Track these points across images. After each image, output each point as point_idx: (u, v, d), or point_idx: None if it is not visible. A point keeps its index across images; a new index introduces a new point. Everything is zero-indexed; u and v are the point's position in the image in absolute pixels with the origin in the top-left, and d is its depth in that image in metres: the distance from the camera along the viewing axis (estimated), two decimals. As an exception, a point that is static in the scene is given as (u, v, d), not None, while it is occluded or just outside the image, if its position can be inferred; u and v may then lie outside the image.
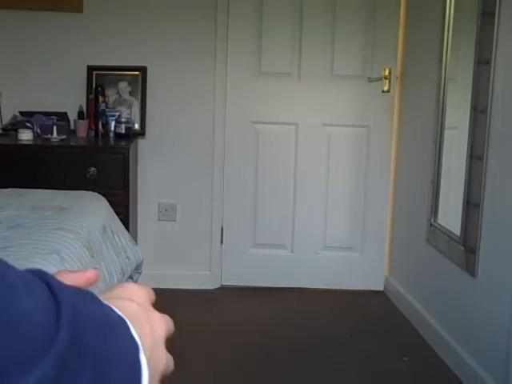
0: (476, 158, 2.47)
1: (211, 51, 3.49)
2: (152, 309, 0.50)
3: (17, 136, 3.17)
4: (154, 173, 3.50)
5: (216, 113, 3.54)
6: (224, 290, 3.58)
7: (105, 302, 0.44)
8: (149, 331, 0.47)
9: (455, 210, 2.66)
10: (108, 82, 3.41)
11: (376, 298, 3.55)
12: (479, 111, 2.44)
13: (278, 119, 3.55)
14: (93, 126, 3.34)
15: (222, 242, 3.63)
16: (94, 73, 3.40)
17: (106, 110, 3.35)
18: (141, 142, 3.48)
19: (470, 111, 2.51)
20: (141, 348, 0.43)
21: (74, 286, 0.43)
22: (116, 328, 0.42)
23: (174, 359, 0.52)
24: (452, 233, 2.72)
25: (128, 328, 0.43)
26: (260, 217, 3.61)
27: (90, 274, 0.54)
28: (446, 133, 2.87)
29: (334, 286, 3.61)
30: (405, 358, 2.78)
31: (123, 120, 3.32)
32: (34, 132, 3.23)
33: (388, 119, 3.55)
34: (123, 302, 0.47)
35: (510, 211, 2.25)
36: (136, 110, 3.47)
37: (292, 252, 3.65)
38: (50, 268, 1.41)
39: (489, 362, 2.37)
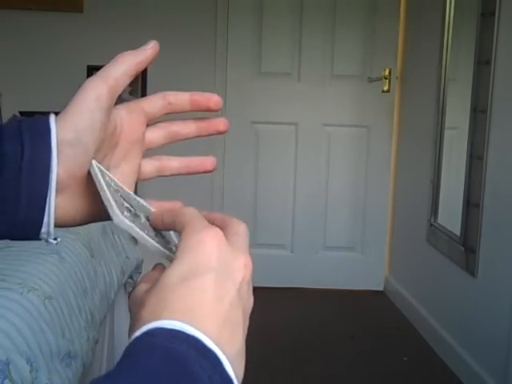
0: (476, 157, 2.47)
1: (211, 51, 3.49)
2: (229, 250, 0.43)
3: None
4: (154, 173, 3.49)
5: (216, 113, 3.53)
6: (224, 290, 3.57)
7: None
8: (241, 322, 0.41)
9: (455, 210, 2.66)
10: (108, 82, 3.41)
11: (376, 298, 3.55)
12: (479, 111, 2.44)
13: (278, 119, 3.55)
14: (93, 126, 3.34)
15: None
16: (94, 73, 3.40)
17: (106, 110, 3.35)
18: (141, 142, 3.48)
19: (470, 111, 2.51)
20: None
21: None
22: None
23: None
24: (452, 233, 2.72)
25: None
26: (260, 217, 3.61)
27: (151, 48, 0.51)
28: (446, 133, 2.87)
29: (334, 286, 3.61)
30: (405, 358, 2.78)
31: (123, 120, 3.32)
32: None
33: (388, 119, 3.55)
34: (196, 288, 0.39)
35: (510, 211, 2.25)
36: (136, 110, 3.47)
37: (292, 252, 3.65)
38: (49, 267, 1.41)
39: (489, 361, 2.37)
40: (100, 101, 0.47)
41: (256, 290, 0.51)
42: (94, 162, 0.47)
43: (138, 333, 0.37)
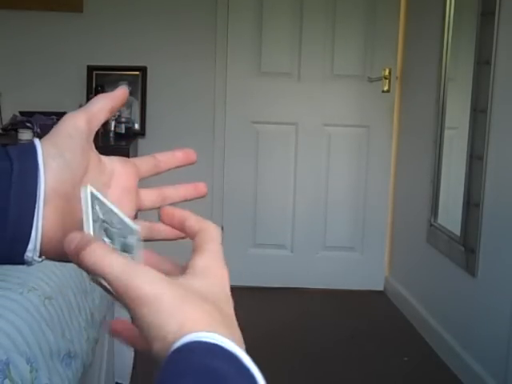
0: (476, 157, 2.47)
1: (211, 51, 3.49)
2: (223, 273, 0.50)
3: (17, 136, 3.17)
4: (153, 173, 3.49)
5: (216, 113, 3.54)
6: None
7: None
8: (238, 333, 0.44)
9: (455, 209, 2.66)
10: (108, 81, 3.41)
11: (376, 298, 3.55)
12: (479, 111, 2.44)
13: (278, 119, 3.55)
14: (93, 126, 3.34)
15: (221, 241, 3.63)
16: (94, 73, 3.40)
17: (106, 109, 3.34)
18: (141, 141, 3.48)
19: (470, 111, 2.51)
20: (257, 378, 0.39)
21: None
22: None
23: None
24: (452, 233, 2.72)
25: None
26: (260, 217, 3.61)
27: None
28: (446, 133, 2.87)
29: (334, 286, 3.61)
30: (405, 358, 2.78)
31: (123, 120, 3.32)
32: (33, 132, 3.23)
33: (388, 119, 3.55)
34: (218, 309, 0.43)
35: (510, 211, 2.25)
36: (136, 109, 3.47)
37: (292, 252, 3.65)
38: (49, 267, 1.41)
39: (489, 361, 2.37)
40: (78, 127, 0.51)
41: (256, 290, 0.52)
42: (88, 187, 0.48)
43: (177, 344, 0.39)
